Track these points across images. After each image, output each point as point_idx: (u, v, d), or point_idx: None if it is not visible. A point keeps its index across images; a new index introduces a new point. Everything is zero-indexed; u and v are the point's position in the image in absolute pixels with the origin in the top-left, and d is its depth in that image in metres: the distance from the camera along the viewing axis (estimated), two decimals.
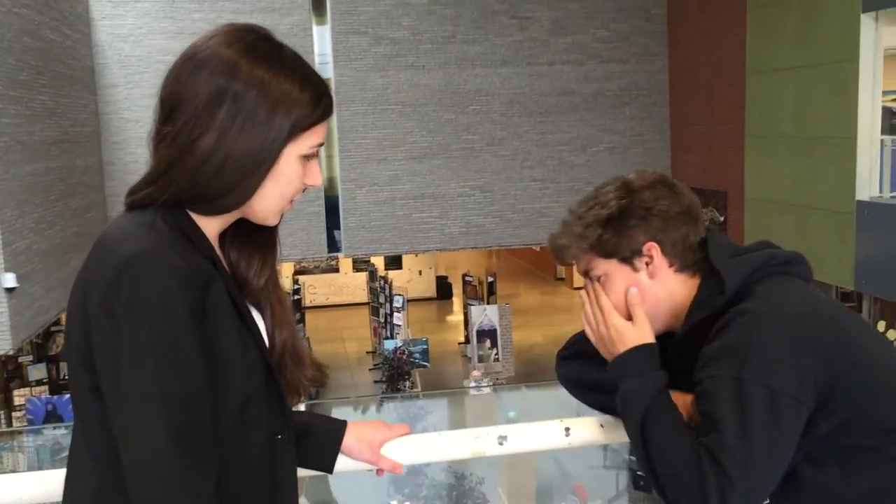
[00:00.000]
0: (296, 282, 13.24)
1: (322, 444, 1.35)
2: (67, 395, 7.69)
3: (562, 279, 18.37)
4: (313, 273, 16.95)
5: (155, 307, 0.98)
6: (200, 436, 1.01)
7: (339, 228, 11.30)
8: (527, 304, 16.26)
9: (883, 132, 6.44)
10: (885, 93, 6.74)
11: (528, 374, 11.46)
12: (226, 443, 1.07)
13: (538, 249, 18.45)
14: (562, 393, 1.56)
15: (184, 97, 1.05)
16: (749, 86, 7.64)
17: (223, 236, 1.19)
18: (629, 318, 1.38)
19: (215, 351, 1.05)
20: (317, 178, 1.14)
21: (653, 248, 1.38)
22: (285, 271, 16.11)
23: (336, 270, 17.01)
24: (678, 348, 1.40)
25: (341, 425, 1.38)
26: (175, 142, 1.05)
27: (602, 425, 1.49)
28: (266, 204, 1.12)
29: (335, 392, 11.27)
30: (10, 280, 5.65)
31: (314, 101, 1.08)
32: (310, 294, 16.39)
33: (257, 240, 1.21)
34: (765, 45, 7.41)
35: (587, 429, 1.50)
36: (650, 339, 1.37)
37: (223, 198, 1.08)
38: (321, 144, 1.12)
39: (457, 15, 10.47)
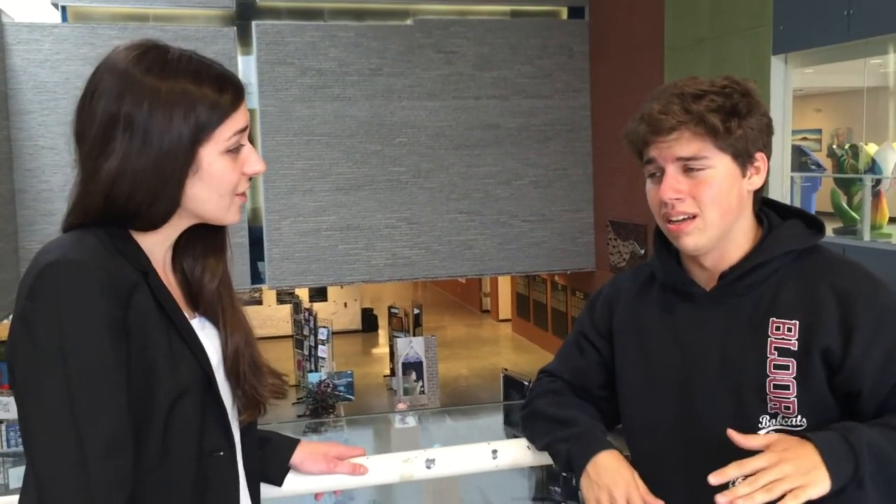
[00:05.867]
0: None
1: (272, 456, 1.35)
2: None
3: (487, 311, 18.49)
4: None
5: (70, 315, 0.96)
6: (116, 453, 0.98)
7: (262, 260, 11.13)
8: (452, 336, 16.28)
9: (793, 169, 6.75)
10: (794, 132, 7.06)
11: (453, 405, 11.43)
12: (148, 460, 1.04)
13: (464, 281, 18.54)
14: (484, 421, 1.55)
15: (84, 126, 1.06)
16: None
17: (178, 248, 1.17)
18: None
19: (142, 364, 1.03)
20: (255, 164, 1.12)
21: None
22: None
23: (259, 303, 16.71)
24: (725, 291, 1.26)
25: (294, 441, 1.38)
26: (82, 169, 1.07)
27: (528, 447, 1.48)
28: (207, 206, 1.10)
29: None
30: None
31: (213, 101, 1.06)
32: None
33: (208, 242, 1.20)
34: None
35: (514, 450, 1.49)
36: None
37: (147, 214, 1.06)
38: (243, 130, 1.09)
39: (383, 48, 10.54)
